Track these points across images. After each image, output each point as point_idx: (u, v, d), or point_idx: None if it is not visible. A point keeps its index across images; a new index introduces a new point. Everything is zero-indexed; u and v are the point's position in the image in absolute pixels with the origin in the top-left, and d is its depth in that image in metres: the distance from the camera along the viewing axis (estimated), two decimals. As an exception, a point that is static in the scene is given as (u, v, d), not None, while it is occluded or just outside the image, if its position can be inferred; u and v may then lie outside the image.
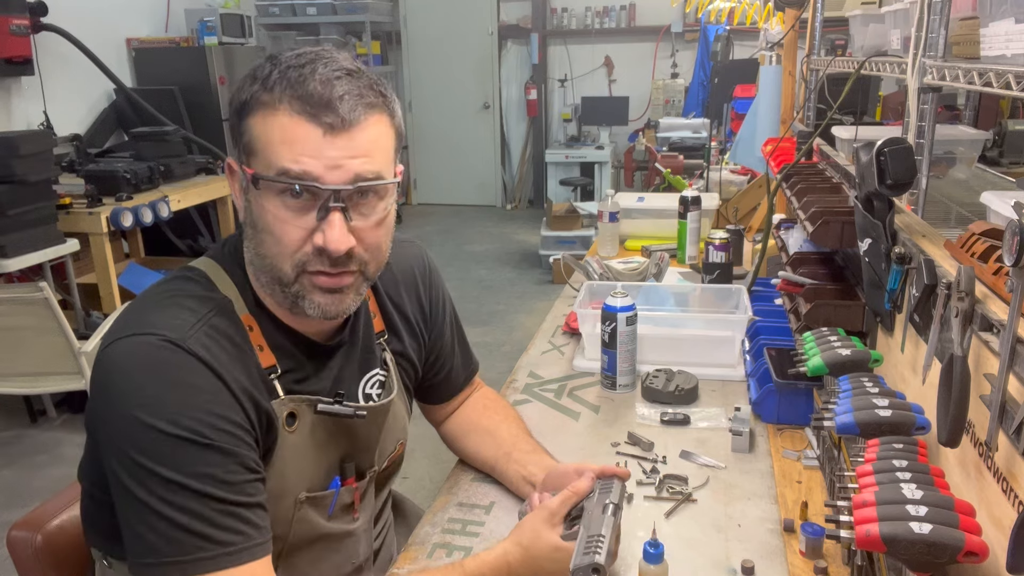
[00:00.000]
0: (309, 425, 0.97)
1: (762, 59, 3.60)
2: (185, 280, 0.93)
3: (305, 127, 0.84)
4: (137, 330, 0.85)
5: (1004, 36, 0.94)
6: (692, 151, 4.84)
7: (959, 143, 1.68)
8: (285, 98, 0.85)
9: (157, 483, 0.80)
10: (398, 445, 1.15)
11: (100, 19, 4.84)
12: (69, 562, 1.10)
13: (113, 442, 0.83)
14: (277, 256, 0.88)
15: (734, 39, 5.41)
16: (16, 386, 3.21)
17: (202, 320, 0.88)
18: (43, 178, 3.20)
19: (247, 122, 0.88)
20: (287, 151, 0.84)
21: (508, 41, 7.40)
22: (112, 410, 0.83)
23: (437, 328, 1.24)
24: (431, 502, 1.22)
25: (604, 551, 0.90)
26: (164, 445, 0.81)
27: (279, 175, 0.84)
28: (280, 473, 0.94)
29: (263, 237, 0.89)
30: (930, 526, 0.73)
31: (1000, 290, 0.85)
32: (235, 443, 0.85)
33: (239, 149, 0.90)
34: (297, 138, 0.84)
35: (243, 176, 0.89)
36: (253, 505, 0.86)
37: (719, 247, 1.95)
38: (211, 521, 0.81)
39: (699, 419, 1.42)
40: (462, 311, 1.34)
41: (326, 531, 1.02)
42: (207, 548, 0.81)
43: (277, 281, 0.90)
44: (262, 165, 0.86)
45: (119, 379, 0.83)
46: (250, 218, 0.90)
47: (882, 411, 0.95)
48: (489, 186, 7.77)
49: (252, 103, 0.87)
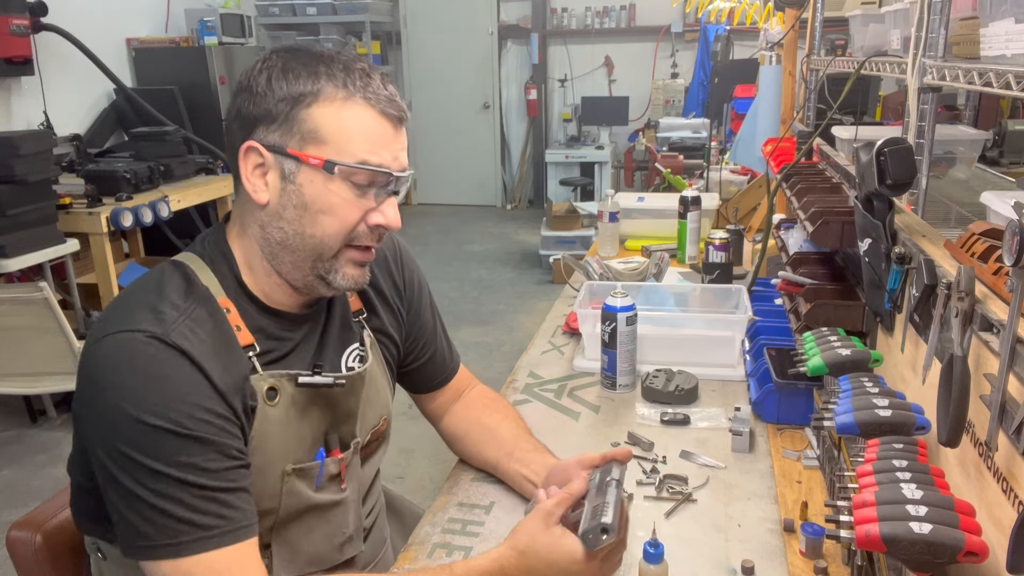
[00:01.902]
0: (290, 398, 1.00)
1: (762, 59, 3.60)
2: (168, 273, 0.97)
3: (379, 120, 0.95)
4: (123, 326, 0.89)
5: (1004, 36, 0.94)
6: (692, 151, 4.84)
7: (959, 143, 1.68)
8: (358, 93, 0.94)
9: (142, 472, 0.85)
10: (381, 420, 1.18)
11: (100, 19, 4.84)
12: (68, 562, 1.10)
13: (100, 434, 0.87)
14: (332, 234, 0.96)
15: (734, 39, 5.41)
16: (16, 386, 3.21)
17: (184, 314, 0.92)
18: (43, 178, 3.20)
19: (308, 112, 0.93)
20: (366, 143, 0.94)
21: (508, 41, 7.40)
22: (99, 403, 0.87)
23: (415, 306, 1.26)
24: (431, 502, 1.22)
25: (610, 512, 0.90)
26: (148, 436, 0.85)
27: (359, 164, 0.94)
28: (265, 447, 0.97)
29: (319, 218, 0.95)
30: (930, 526, 0.73)
31: (1000, 290, 0.85)
32: (216, 432, 0.89)
33: (288, 136, 0.94)
34: (373, 131, 0.95)
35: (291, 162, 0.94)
36: (236, 490, 0.90)
37: (719, 247, 1.95)
38: (193, 507, 0.86)
39: (699, 419, 1.42)
40: (462, 311, 1.34)
41: (315, 502, 1.05)
42: (190, 532, 0.86)
43: (316, 257, 0.97)
44: (334, 152, 0.93)
45: (106, 374, 0.87)
46: (299, 202, 0.95)
47: (882, 411, 0.95)
48: (489, 186, 7.77)
49: (318, 94, 0.93)
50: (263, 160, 0.95)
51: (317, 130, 0.93)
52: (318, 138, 0.93)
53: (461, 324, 4.50)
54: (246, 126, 0.95)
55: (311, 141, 0.93)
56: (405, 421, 1.14)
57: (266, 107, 0.93)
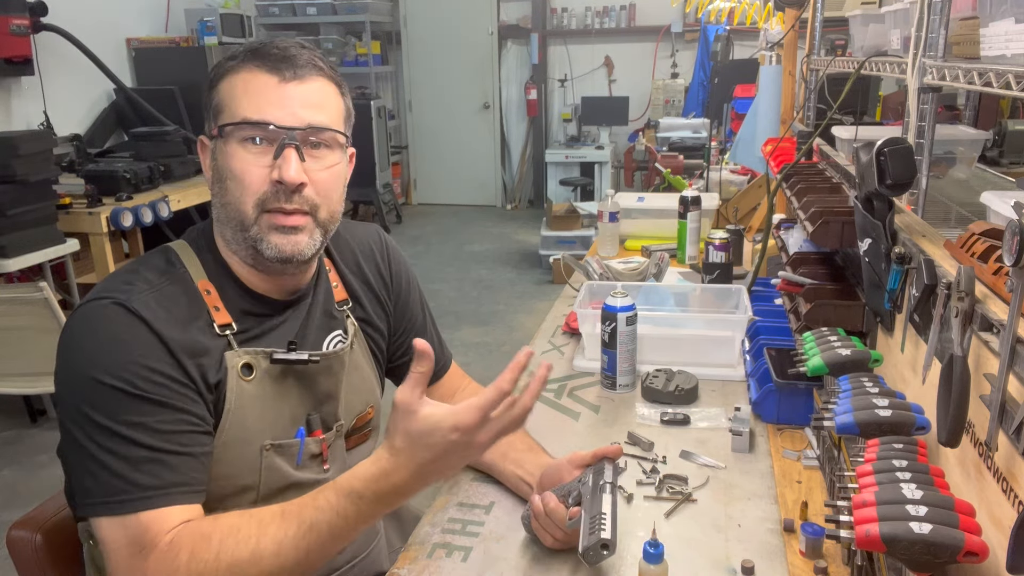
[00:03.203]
0: (265, 373, 1.03)
1: (762, 59, 3.59)
2: (151, 256, 1.03)
3: (263, 77, 0.97)
4: (96, 295, 0.95)
5: (1004, 36, 0.94)
6: (692, 151, 4.84)
7: (959, 143, 1.68)
8: (247, 59, 0.98)
9: (93, 428, 0.89)
10: (368, 408, 1.19)
11: (100, 19, 4.84)
12: (69, 561, 1.10)
13: (63, 393, 0.92)
14: (240, 199, 0.98)
15: (734, 39, 5.41)
16: (16, 386, 3.21)
17: (153, 287, 0.96)
18: (43, 178, 3.20)
19: (214, 91, 1.00)
20: (248, 101, 0.97)
21: (508, 41, 7.40)
22: (64, 364, 0.92)
23: (402, 299, 1.28)
24: (431, 502, 1.22)
25: (608, 525, 0.90)
26: (102, 393, 0.89)
27: (241, 120, 0.96)
28: (241, 421, 1.00)
29: (228, 185, 0.98)
30: (930, 526, 0.73)
31: (1000, 290, 0.85)
32: (169, 396, 0.92)
33: (209, 118, 1.01)
34: (256, 88, 0.97)
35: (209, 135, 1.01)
36: (184, 454, 0.92)
37: (719, 247, 1.95)
38: (136, 465, 0.89)
39: (699, 419, 1.42)
40: (462, 311, 1.35)
41: (296, 479, 1.06)
42: (130, 491, 0.88)
43: (240, 226, 0.99)
44: (227, 118, 0.98)
45: (74, 337, 0.93)
46: (217, 175, 1.00)
47: (882, 411, 0.95)
48: (489, 186, 7.77)
49: (219, 72, 1.00)
50: (204, 146, 1.03)
51: (218, 104, 0.99)
52: (218, 111, 0.99)
53: (461, 324, 4.50)
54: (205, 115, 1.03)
55: (215, 116, 1.00)
56: (405, 421, 1.14)
57: (204, 101, 1.02)
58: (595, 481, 0.99)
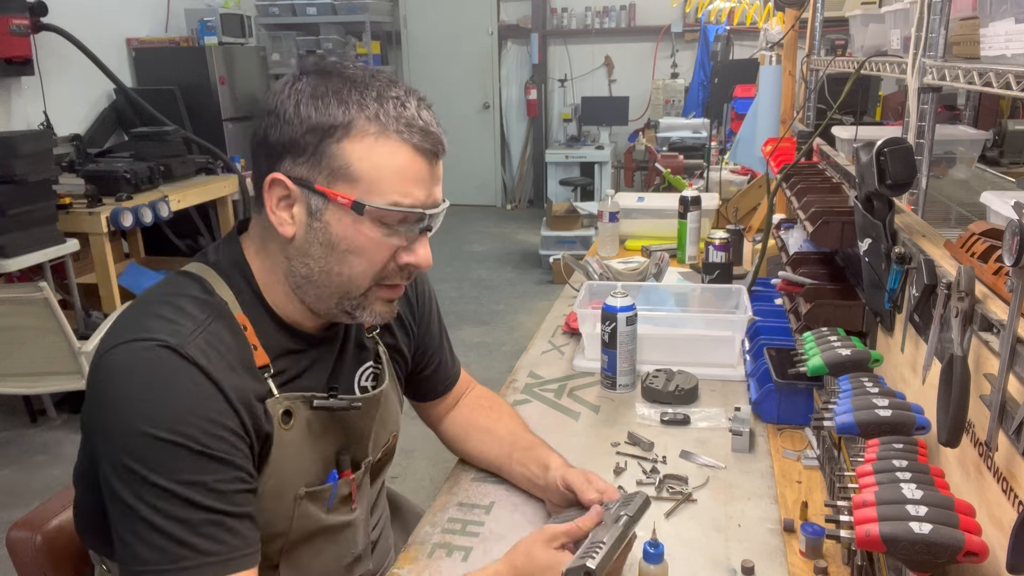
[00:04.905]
0: (305, 421, 0.97)
1: (762, 59, 3.59)
2: (183, 283, 0.93)
3: (418, 163, 0.90)
4: (136, 335, 0.85)
5: (1004, 36, 0.94)
6: (692, 151, 4.84)
7: (959, 143, 1.68)
8: (391, 126, 0.88)
9: (146, 489, 0.80)
10: (391, 436, 1.16)
11: (100, 19, 4.84)
12: (69, 562, 1.10)
13: (108, 447, 0.83)
14: (360, 274, 0.92)
15: (734, 39, 5.41)
16: (16, 386, 3.21)
17: (201, 327, 0.88)
18: (43, 178, 3.20)
19: (339, 146, 0.87)
20: (399, 182, 0.89)
21: (508, 41, 7.40)
22: (109, 415, 0.83)
23: (425, 321, 1.25)
24: (431, 502, 1.22)
25: (600, 556, 0.89)
26: (157, 450, 0.81)
27: (391, 205, 0.89)
28: (279, 471, 0.94)
29: (347, 257, 0.91)
30: (930, 526, 0.73)
31: (1000, 290, 0.85)
32: (229, 451, 0.85)
33: (316, 171, 0.88)
34: (409, 171, 0.89)
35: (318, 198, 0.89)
36: (241, 516, 0.86)
37: (719, 247, 1.95)
38: (197, 530, 0.81)
39: (699, 419, 1.42)
40: (462, 311, 1.35)
41: (326, 523, 1.03)
42: (190, 557, 0.81)
43: (344, 295, 0.94)
44: (364, 192, 0.88)
45: (117, 385, 0.83)
46: (326, 240, 0.90)
47: (882, 411, 0.95)
48: (489, 186, 7.77)
49: (349, 128, 0.87)
50: (289, 192, 0.89)
51: (347, 167, 0.88)
52: (348, 176, 0.88)
53: (461, 324, 4.50)
54: (272, 154, 0.90)
55: (340, 178, 0.88)
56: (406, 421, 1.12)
57: (293, 136, 0.88)
58: (617, 510, 0.99)
